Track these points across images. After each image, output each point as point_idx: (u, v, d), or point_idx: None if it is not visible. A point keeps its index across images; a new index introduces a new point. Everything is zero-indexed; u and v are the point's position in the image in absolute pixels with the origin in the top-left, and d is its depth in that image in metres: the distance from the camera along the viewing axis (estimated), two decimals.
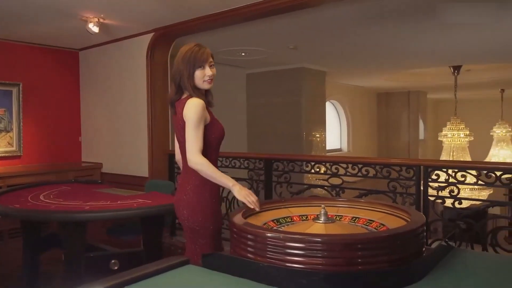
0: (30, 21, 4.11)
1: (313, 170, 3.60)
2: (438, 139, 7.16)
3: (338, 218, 1.81)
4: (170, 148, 4.72)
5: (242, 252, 1.49)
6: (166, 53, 4.71)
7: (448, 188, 2.93)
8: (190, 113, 1.93)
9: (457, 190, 2.91)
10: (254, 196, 1.88)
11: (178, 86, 2.03)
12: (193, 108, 1.94)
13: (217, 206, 2.09)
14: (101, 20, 4.02)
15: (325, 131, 7.72)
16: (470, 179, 2.90)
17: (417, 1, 3.77)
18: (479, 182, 2.88)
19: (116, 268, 2.78)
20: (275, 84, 7.18)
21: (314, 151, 7.29)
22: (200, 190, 2.02)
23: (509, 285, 1.35)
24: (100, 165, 5.24)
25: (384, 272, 1.34)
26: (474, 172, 2.86)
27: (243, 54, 6.02)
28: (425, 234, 1.59)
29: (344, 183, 3.41)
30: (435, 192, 2.98)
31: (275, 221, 1.79)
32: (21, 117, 4.94)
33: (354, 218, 1.81)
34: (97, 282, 1.27)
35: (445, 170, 2.95)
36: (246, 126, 7.44)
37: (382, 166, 3.21)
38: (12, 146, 4.91)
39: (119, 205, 2.96)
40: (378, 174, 3.23)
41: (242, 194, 1.86)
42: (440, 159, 6.60)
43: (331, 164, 3.46)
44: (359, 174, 3.29)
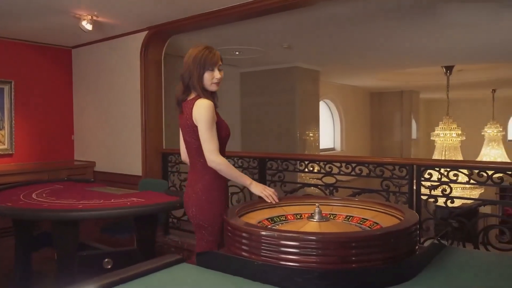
0: (23, 18, 4.07)
1: (306, 169, 3.61)
2: (431, 139, 7.21)
3: (332, 217, 1.82)
4: (164, 146, 4.71)
5: (237, 250, 1.49)
6: (160, 51, 4.69)
7: (440, 187, 2.96)
8: (203, 115, 1.99)
9: (449, 189, 2.94)
10: (270, 189, 1.98)
11: (187, 86, 2.08)
12: (204, 109, 2.00)
13: (225, 204, 2.13)
14: (94, 17, 3.99)
15: (318, 130, 7.74)
16: (462, 178, 2.93)
17: (410, 1, 3.79)
18: (471, 181, 2.91)
19: (109, 267, 2.76)
20: (269, 83, 7.18)
21: (307, 150, 7.31)
22: (209, 188, 2.07)
23: (499, 282, 1.36)
24: (93, 163, 5.21)
25: (377, 270, 1.35)
26: (466, 171, 2.89)
27: (237, 53, 6.02)
28: (417, 232, 1.61)
29: (337, 182, 3.43)
30: (428, 191, 3.01)
31: (270, 219, 1.80)
32: (13, 115, 4.90)
33: (348, 217, 1.82)
34: (90, 281, 1.26)
35: (437, 169, 2.98)
36: (240, 125, 7.44)
37: (375, 165, 3.23)
38: (4, 144, 4.86)
39: (113, 203, 2.95)
40: (372, 173, 3.25)
41: (259, 189, 1.99)
42: (432, 158, 6.65)
43: (325, 163, 3.48)
44: (353, 173, 3.31)
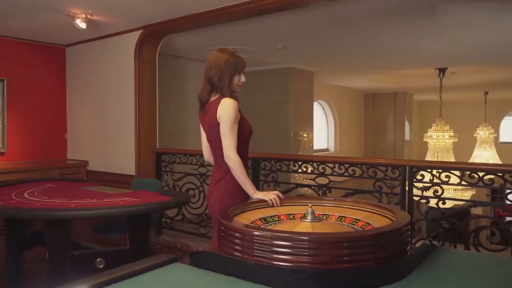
0: (16, 15, 4.05)
1: (300, 170, 3.62)
2: (424, 140, 7.26)
3: (324, 217, 1.83)
4: (158, 146, 4.70)
5: (230, 250, 1.49)
6: (155, 50, 4.68)
7: (432, 188, 2.98)
8: (227, 112, 2.09)
9: (441, 190, 2.96)
10: (273, 192, 2.00)
11: (214, 86, 2.16)
12: (230, 107, 2.10)
13: (245, 200, 2.14)
14: (88, 16, 3.97)
15: (312, 131, 7.76)
16: (454, 180, 2.96)
17: (404, 2, 3.82)
18: (462, 182, 2.93)
19: (101, 266, 2.75)
20: (263, 83, 7.18)
21: (301, 151, 7.33)
22: (231, 186, 2.14)
23: (489, 283, 1.38)
24: (86, 162, 5.18)
25: (369, 270, 1.36)
26: (457, 172, 2.92)
27: None
28: (409, 233, 1.62)
29: (330, 183, 3.45)
30: (420, 192, 3.03)
31: (263, 219, 1.80)
32: (5, 113, 4.86)
33: (341, 217, 1.83)
34: (82, 280, 1.26)
35: (429, 170, 3.01)
36: None
37: (368, 166, 3.25)
38: None
39: (106, 203, 2.94)
40: (364, 174, 3.27)
41: (262, 194, 2.01)
42: (425, 160, 6.70)
43: (318, 163, 3.49)
44: (346, 174, 3.33)
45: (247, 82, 2.31)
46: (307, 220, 1.66)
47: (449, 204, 3.32)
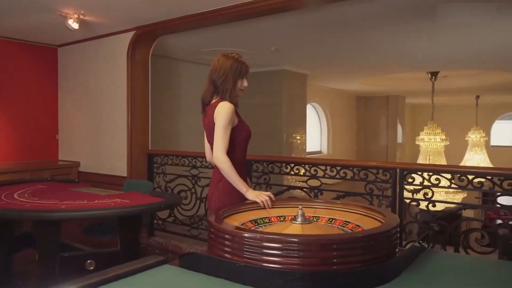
0: (8, 14, 4.02)
1: (292, 172, 3.63)
2: (416, 143, 7.31)
3: (315, 219, 1.84)
4: (150, 147, 4.69)
5: (219, 252, 1.50)
6: (148, 51, 4.67)
7: (422, 190, 3.00)
8: (221, 115, 2.13)
9: (431, 193, 2.99)
10: (265, 193, 2.02)
11: (217, 89, 2.21)
12: (224, 110, 2.13)
13: (244, 200, 2.14)
14: (81, 16, 3.96)
15: (305, 133, 7.78)
16: (445, 183, 2.98)
17: (396, 7, 3.85)
18: (452, 185, 2.96)
19: (92, 268, 2.73)
20: (256, 86, 7.17)
21: (294, 153, 7.34)
22: (230, 186, 2.15)
23: (478, 285, 1.39)
24: (77, 163, 5.15)
25: (358, 272, 1.37)
26: (448, 175, 2.94)
27: None
28: (398, 235, 1.63)
29: (322, 185, 3.45)
30: (410, 194, 3.05)
31: (253, 221, 1.81)
32: None
33: (331, 219, 1.84)
34: (71, 282, 1.25)
35: (420, 173, 3.03)
36: None
37: (360, 169, 3.26)
38: None
39: (96, 204, 2.92)
40: (356, 177, 3.28)
41: (254, 194, 2.04)
42: (415, 163, 6.74)
43: (310, 166, 3.50)
44: (337, 176, 3.34)
45: None
46: (297, 222, 1.67)
47: (440, 206, 3.34)
